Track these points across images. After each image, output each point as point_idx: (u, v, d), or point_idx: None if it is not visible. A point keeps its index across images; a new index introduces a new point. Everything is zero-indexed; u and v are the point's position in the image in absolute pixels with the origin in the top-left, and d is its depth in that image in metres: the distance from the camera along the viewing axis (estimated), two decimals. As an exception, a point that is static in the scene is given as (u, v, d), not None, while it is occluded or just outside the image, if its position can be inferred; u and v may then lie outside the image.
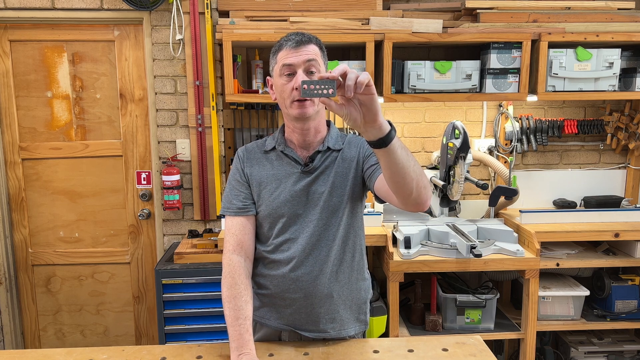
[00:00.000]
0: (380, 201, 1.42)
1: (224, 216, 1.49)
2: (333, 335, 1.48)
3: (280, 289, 1.45)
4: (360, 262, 1.52)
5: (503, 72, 2.50)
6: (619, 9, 2.60)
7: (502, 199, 2.66)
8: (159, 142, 2.74)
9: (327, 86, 1.03)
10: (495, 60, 2.49)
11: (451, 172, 2.48)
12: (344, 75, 1.03)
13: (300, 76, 1.32)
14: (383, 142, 1.09)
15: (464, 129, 2.37)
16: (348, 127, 2.48)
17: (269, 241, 1.46)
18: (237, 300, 1.35)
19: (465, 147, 2.36)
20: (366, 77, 1.02)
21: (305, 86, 1.03)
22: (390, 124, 1.11)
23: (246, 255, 1.43)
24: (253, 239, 1.47)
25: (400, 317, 2.60)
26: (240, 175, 1.47)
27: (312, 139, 1.44)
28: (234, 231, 1.44)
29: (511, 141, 2.85)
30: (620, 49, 2.53)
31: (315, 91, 1.03)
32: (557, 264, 2.48)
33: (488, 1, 2.54)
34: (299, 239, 1.42)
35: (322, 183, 1.42)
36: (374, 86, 1.04)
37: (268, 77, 1.46)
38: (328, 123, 1.50)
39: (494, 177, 2.91)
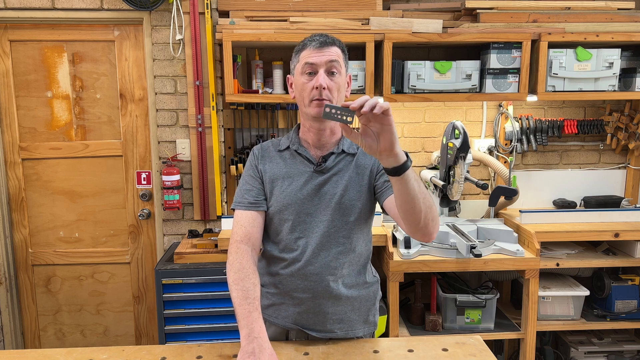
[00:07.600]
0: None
1: (233, 210, 1.49)
2: (340, 336, 1.49)
3: (288, 288, 1.46)
4: (368, 266, 1.54)
5: (503, 72, 2.50)
6: (619, 9, 2.60)
7: (502, 199, 2.66)
8: (159, 142, 2.74)
9: (347, 114, 1.12)
10: (495, 60, 2.49)
11: (451, 172, 2.48)
12: (363, 104, 1.10)
13: (322, 76, 1.34)
14: (397, 171, 1.16)
15: (463, 129, 2.37)
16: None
17: (278, 238, 1.46)
18: (245, 282, 1.31)
19: (465, 147, 2.36)
20: (387, 104, 1.09)
21: (327, 109, 1.13)
22: (407, 155, 1.17)
23: (253, 246, 1.41)
24: (261, 233, 1.46)
25: (400, 317, 2.60)
26: (254, 171, 1.49)
27: (327, 140, 1.46)
28: (243, 223, 1.43)
29: (511, 141, 2.85)
30: (620, 49, 2.53)
31: (336, 116, 1.13)
32: (557, 264, 2.48)
33: (488, 1, 2.54)
34: (308, 238, 1.43)
35: (334, 184, 1.43)
36: (392, 117, 1.11)
37: (288, 76, 1.48)
38: None
39: (494, 177, 2.91)
